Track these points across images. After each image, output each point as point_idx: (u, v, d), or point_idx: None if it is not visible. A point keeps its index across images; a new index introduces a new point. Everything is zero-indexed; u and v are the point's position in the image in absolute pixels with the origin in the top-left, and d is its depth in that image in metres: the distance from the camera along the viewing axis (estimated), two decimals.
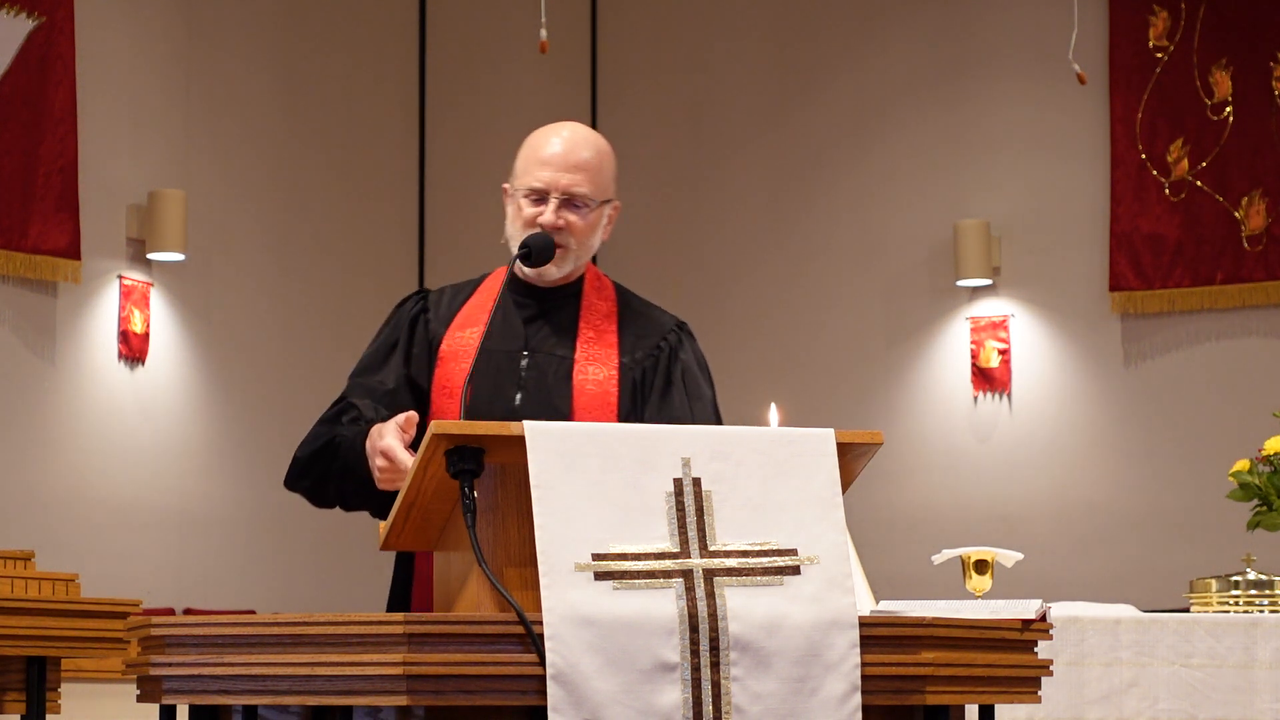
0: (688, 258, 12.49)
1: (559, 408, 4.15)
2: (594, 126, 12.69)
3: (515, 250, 4.23)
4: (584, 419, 4.15)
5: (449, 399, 4.15)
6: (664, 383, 4.26)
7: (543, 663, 3.29)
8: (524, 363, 4.21)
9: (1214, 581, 6.18)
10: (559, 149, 4.22)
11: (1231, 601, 6.11)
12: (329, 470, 4.19)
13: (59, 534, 10.16)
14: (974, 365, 11.84)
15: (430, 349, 4.27)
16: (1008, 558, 5.65)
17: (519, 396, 4.17)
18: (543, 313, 4.27)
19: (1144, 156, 11.53)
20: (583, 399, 4.18)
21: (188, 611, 10.57)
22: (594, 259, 4.40)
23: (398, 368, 4.26)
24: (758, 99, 12.48)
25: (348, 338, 3.85)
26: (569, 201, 4.21)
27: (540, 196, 4.21)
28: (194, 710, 3.59)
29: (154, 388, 10.93)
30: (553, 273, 4.25)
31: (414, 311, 4.33)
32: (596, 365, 4.23)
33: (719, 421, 4.30)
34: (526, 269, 4.24)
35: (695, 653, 3.35)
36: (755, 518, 3.47)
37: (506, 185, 4.29)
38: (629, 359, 4.26)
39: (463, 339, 4.23)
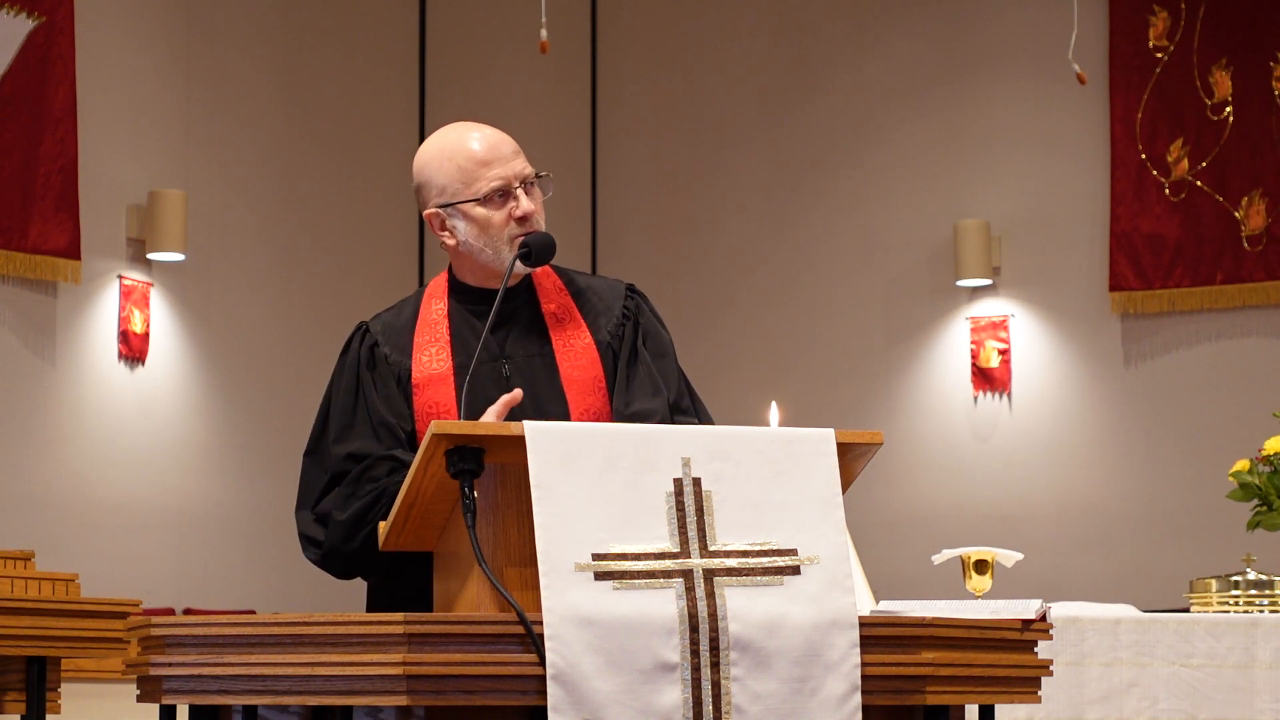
0: (688, 258, 12.49)
1: (555, 405, 4.10)
2: (594, 126, 12.78)
3: (502, 255, 4.09)
4: (579, 407, 4.10)
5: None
6: (630, 351, 4.18)
7: (543, 663, 3.29)
8: (506, 370, 4.11)
9: (1214, 581, 6.18)
10: (491, 141, 4.11)
11: (1231, 601, 6.11)
12: (377, 532, 3.86)
13: (59, 534, 10.16)
14: (974, 365, 11.84)
15: (400, 382, 4.11)
16: (1008, 558, 5.65)
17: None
18: (505, 316, 4.13)
19: (1144, 156, 11.53)
20: (574, 389, 4.12)
21: (188, 611, 10.57)
22: None
23: (381, 408, 4.08)
24: (758, 99, 12.48)
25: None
26: (529, 185, 4.11)
27: (504, 193, 4.09)
28: (194, 710, 3.59)
29: (154, 388, 10.92)
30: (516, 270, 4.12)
31: (365, 348, 4.15)
32: (576, 352, 4.15)
33: (682, 371, 4.24)
34: (459, 273, 4.17)
35: (695, 653, 3.35)
36: (755, 518, 3.47)
37: (437, 211, 4.11)
38: (601, 335, 4.18)
39: (432, 363, 4.10)
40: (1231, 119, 11.38)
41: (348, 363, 4.16)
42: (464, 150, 4.10)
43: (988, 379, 11.81)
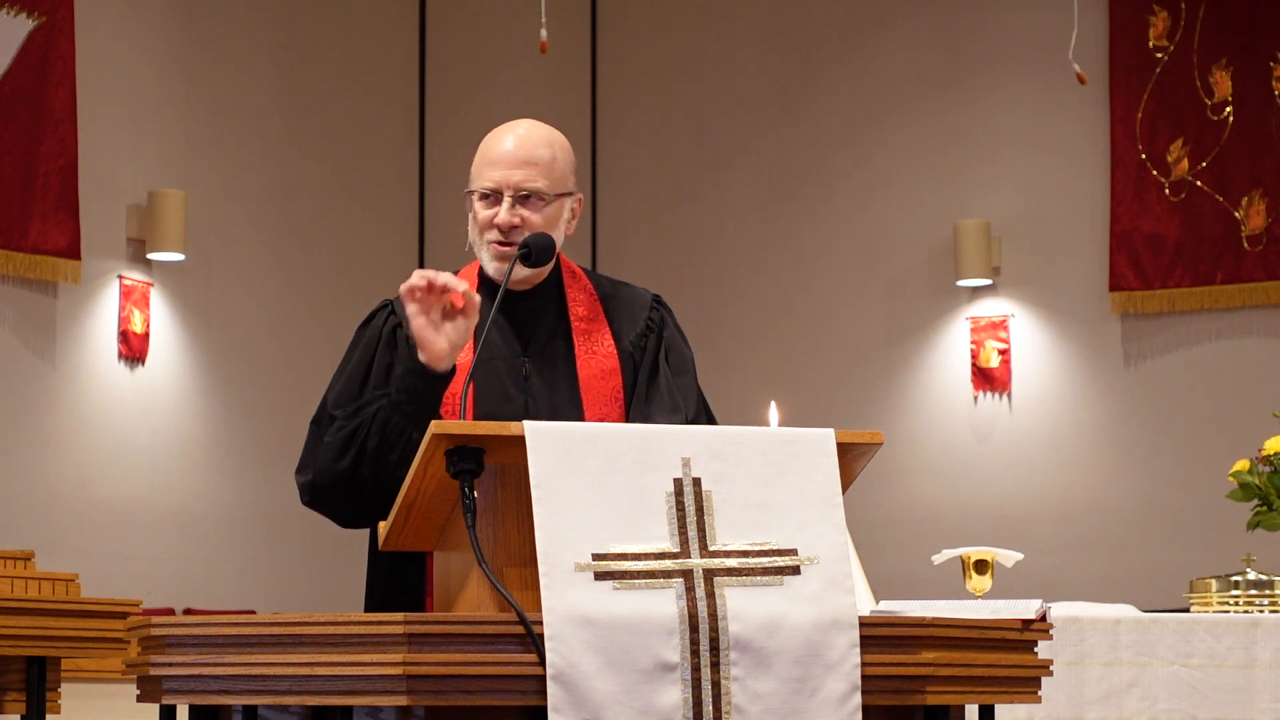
0: (688, 259, 12.49)
1: (570, 410, 4.09)
2: (594, 127, 12.78)
3: (480, 255, 4.14)
4: (594, 411, 4.11)
5: (448, 413, 4.07)
6: (651, 363, 4.20)
7: (543, 663, 3.29)
8: (526, 369, 4.14)
9: (1214, 581, 6.18)
10: (509, 146, 4.12)
11: (1231, 601, 6.11)
12: (365, 446, 3.98)
13: (59, 534, 10.17)
14: (974, 365, 11.84)
15: None
16: (1008, 558, 5.66)
17: (527, 402, 4.10)
18: (530, 313, 4.17)
19: (1144, 156, 11.53)
20: (590, 396, 4.12)
21: (188, 611, 10.57)
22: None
23: (382, 385, 4.08)
24: (758, 100, 12.48)
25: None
26: (523, 199, 4.10)
27: (494, 197, 4.11)
28: (194, 710, 3.59)
29: (154, 388, 10.93)
30: (519, 273, 4.11)
31: (388, 327, 4.16)
32: (597, 357, 4.17)
33: (700, 391, 4.25)
34: (489, 272, 4.15)
35: (695, 653, 3.35)
36: (755, 518, 3.46)
37: (467, 194, 4.18)
38: (625, 342, 4.20)
39: None
40: (1231, 119, 11.38)
41: (365, 336, 4.19)
42: (491, 143, 4.16)
43: (988, 379, 11.81)
